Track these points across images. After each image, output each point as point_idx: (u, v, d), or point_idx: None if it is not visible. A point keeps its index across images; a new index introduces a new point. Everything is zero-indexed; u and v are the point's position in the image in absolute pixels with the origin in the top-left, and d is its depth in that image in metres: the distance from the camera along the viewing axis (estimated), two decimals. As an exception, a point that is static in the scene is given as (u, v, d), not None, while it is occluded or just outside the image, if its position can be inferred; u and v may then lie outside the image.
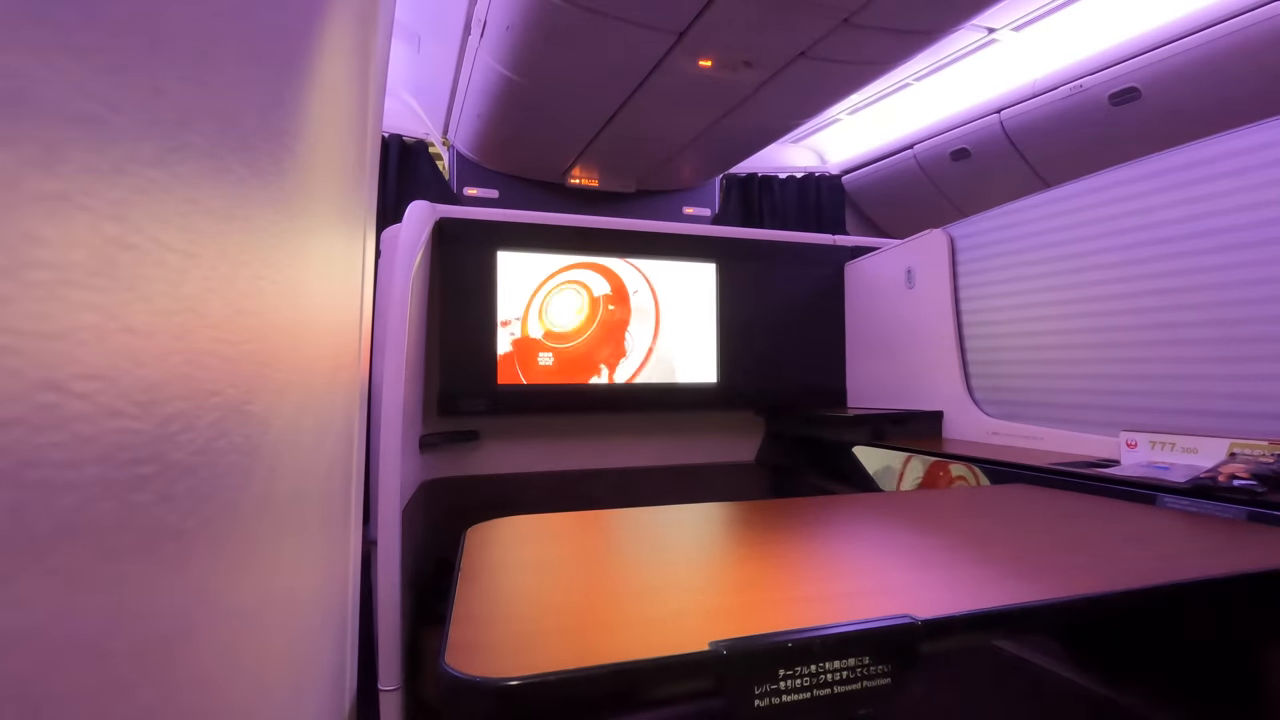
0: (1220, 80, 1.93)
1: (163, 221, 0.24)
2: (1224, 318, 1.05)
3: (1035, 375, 1.42)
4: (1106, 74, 2.14)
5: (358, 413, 0.60)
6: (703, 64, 1.86)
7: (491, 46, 1.87)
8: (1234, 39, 1.84)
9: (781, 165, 3.39)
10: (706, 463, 2.05)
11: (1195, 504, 0.88)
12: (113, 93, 0.20)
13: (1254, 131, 1.02)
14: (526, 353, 1.77)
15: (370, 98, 0.57)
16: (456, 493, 1.78)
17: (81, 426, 0.20)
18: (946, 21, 1.71)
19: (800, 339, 2.01)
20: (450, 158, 2.79)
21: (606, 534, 0.84)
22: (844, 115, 3.06)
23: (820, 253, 2.07)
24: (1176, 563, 0.66)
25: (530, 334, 1.78)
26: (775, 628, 0.47)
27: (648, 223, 1.96)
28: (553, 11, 1.61)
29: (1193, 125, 2.04)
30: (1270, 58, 1.80)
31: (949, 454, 1.34)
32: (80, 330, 0.19)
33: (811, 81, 1.99)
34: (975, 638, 0.63)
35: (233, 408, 0.30)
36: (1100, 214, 1.27)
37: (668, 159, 2.65)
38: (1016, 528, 0.81)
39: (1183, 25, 1.94)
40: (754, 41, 1.75)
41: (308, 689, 0.46)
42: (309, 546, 0.46)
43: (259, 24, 0.32)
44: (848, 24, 1.66)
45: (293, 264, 0.38)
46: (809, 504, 0.98)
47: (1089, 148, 2.36)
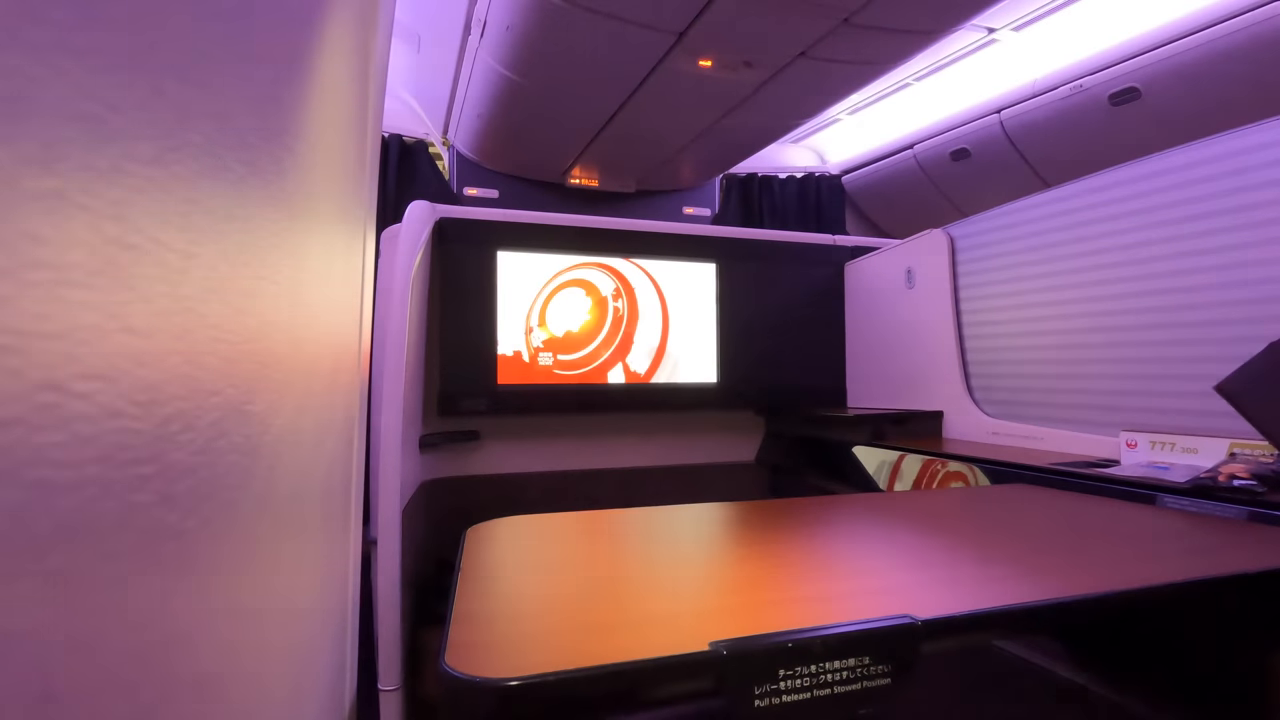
0: (1220, 80, 1.93)
1: (162, 221, 0.24)
2: (1224, 318, 1.05)
3: (1035, 375, 1.42)
4: (1106, 74, 2.14)
5: (358, 413, 0.60)
6: (703, 64, 1.86)
7: (491, 46, 1.87)
8: (1234, 39, 1.84)
9: (781, 165, 3.39)
10: (706, 463, 2.05)
11: (1195, 504, 0.88)
12: (112, 92, 0.20)
13: (1254, 131, 1.02)
14: (533, 355, 1.77)
15: (370, 98, 0.57)
16: (457, 493, 1.78)
17: (81, 426, 0.20)
18: (946, 21, 1.71)
19: (800, 339, 2.01)
20: (450, 158, 2.79)
21: (607, 534, 0.84)
22: (844, 115, 3.06)
23: (820, 253, 2.07)
24: (1177, 563, 0.66)
25: (540, 339, 1.78)
26: (775, 628, 0.47)
27: (648, 223, 1.96)
28: (553, 11, 1.61)
29: (1193, 125, 2.04)
30: (1270, 58, 1.80)
31: (949, 454, 1.34)
32: (80, 330, 0.19)
33: (811, 81, 1.99)
34: (975, 638, 0.63)
35: (233, 408, 0.30)
36: (1100, 214, 1.27)
37: (668, 159, 2.65)
38: (1016, 528, 0.81)
39: (1183, 25, 1.94)
40: (754, 41, 1.75)
41: (308, 689, 0.46)
42: (309, 546, 0.46)
43: (258, 24, 0.32)
44: (848, 24, 1.66)
45: (293, 264, 0.38)
46: (809, 504, 0.97)
47: (1089, 148, 2.36)
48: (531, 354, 1.78)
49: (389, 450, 1.17)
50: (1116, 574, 0.61)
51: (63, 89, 0.18)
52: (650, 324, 1.89)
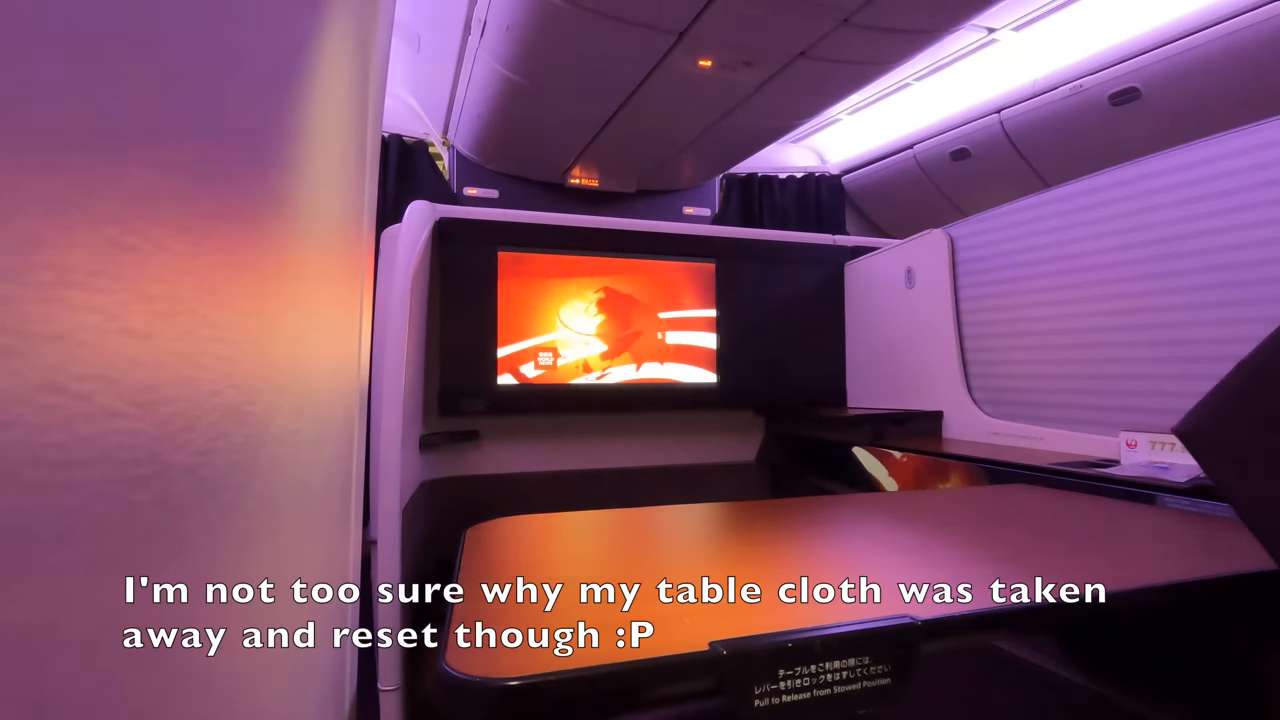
0: (1221, 80, 1.92)
1: (162, 222, 0.24)
2: (1225, 318, 1.05)
3: (1035, 375, 1.42)
4: (1106, 74, 2.14)
5: (357, 413, 0.60)
6: (703, 64, 1.86)
7: (491, 46, 1.87)
8: (1235, 39, 1.84)
9: (781, 165, 3.39)
10: (707, 463, 2.05)
11: (1195, 504, 0.88)
12: (112, 94, 0.20)
13: (1254, 131, 1.02)
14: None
15: (370, 97, 0.57)
16: (456, 493, 1.78)
17: (81, 427, 0.20)
18: (946, 21, 1.71)
19: (800, 339, 2.01)
20: (450, 158, 2.79)
21: (606, 534, 0.84)
22: (844, 115, 3.06)
23: (820, 253, 2.07)
24: (1177, 563, 0.66)
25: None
26: (775, 628, 0.47)
27: (648, 223, 1.96)
28: (553, 11, 1.61)
29: (1193, 125, 2.04)
30: (1270, 58, 1.80)
31: (949, 454, 1.34)
32: (80, 331, 0.19)
33: (811, 81, 1.99)
34: (975, 638, 0.63)
35: (232, 408, 0.30)
36: (1100, 214, 1.27)
37: (668, 159, 2.64)
38: (1016, 528, 0.81)
39: (1183, 25, 1.94)
40: (754, 41, 1.75)
41: (307, 689, 0.46)
42: (309, 546, 0.46)
43: (259, 24, 0.32)
44: (848, 24, 1.66)
45: (293, 264, 0.38)
46: (809, 504, 0.98)
47: (1089, 148, 2.36)
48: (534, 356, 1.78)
49: (389, 450, 1.17)
50: (1117, 574, 0.61)
51: (63, 90, 0.18)
52: (651, 325, 1.89)
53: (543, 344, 1.79)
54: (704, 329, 1.93)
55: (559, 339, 1.81)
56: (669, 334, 1.91)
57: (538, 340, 1.79)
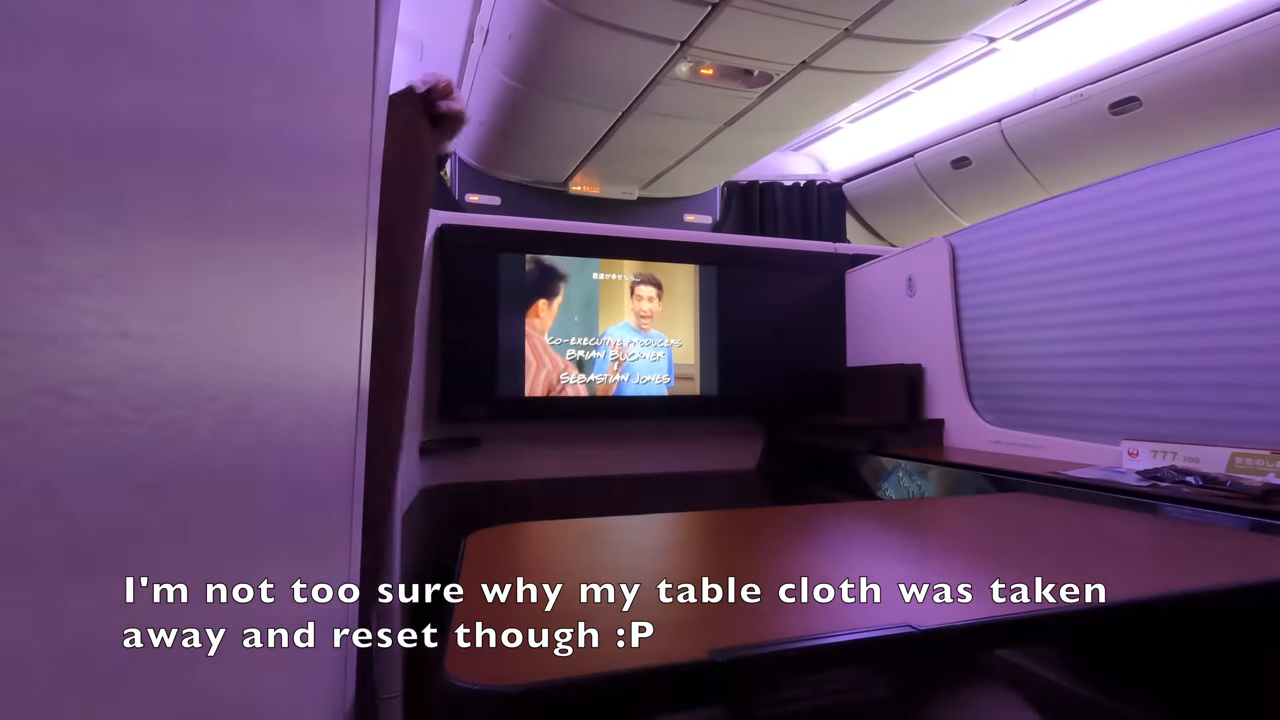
0: (1220, 90, 1.93)
1: (162, 224, 0.24)
2: (1225, 326, 1.05)
3: (1036, 383, 1.41)
4: (1107, 83, 2.15)
5: (358, 419, 0.60)
6: (704, 74, 1.87)
7: (494, 54, 1.88)
8: (1235, 49, 1.85)
9: (782, 173, 3.40)
10: (707, 471, 2.05)
11: (1197, 513, 0.88)
12: (111, 95, 0.20)
13: (1252, 142, 1.02)
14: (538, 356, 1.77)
15: (373, 104, 0.57)
16: (457, 499, 1.78)
17: (79, 432, 0.20)
18: (947, 32, 1.72)
19: (801, 347, 2.01)
20: (452, 164, 2.80)
21: (607, 542, 0.84)
22: (845, 123, 3.07)
23: (821, 260, 2.08)
24: (1178, 572, 0.66)
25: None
26: (776, 636, 0.47)
27: (649, 230, 1.96)
28: (555, 21, 1.62)
29: (1192, 134, 2.05)
30: (1269, 67, 1.81)
31: (950, 462, 1.34)
32: (79, 335, 0.19)
33: (813, 91, 1.99)
34: (975, 647, 0.63)
35: (232, 413, 0.30)
36: (1100, 222, 1.27)
37: (669, 167, 2.65)
38: (1018, 536, 0.81)
39: (1183, 35, 1.95)
40: (755, 52, 1.76)
41: (307, 697, 0.46)
42: (308, 553, 0.46)
43: (260, 28, 0.32)
44: (849, 35, 1.66)
45: (294, 269, 0.38)
46: (810, 512, 0.97)
47: (1089, 156, 2.36)
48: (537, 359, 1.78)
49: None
50: (1118, 583, 0.60)
51: (62, 91, 0.18)
52: (652, 330, 1.89)
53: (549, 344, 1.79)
54: (705, 336, 1.93)
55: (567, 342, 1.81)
56: (670, 341, 1.91)
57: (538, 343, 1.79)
